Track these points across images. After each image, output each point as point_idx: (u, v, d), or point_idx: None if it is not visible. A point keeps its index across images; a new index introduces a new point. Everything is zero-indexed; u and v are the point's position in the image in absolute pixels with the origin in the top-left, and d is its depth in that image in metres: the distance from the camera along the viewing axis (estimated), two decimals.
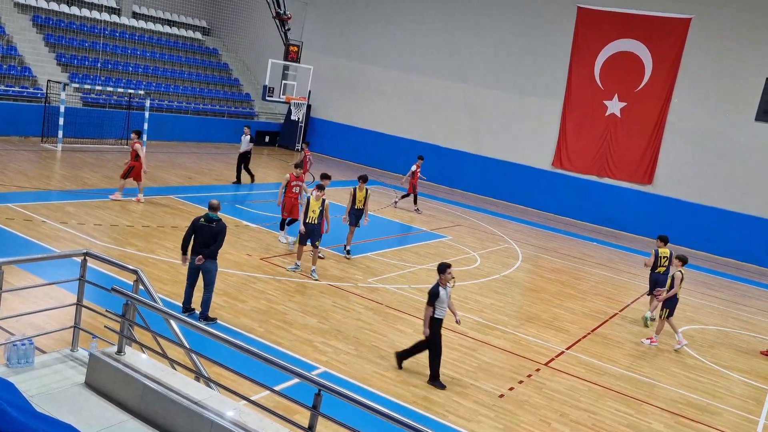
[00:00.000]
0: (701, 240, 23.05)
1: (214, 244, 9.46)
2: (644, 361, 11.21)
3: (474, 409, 8.33)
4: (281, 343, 9.34)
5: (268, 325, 9.92)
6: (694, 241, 23.13)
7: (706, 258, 22.22)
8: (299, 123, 30.86)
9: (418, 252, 16.02)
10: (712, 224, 22.86)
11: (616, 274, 17.58)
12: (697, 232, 23.12)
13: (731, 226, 22.52)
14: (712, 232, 22.87)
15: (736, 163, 22.44)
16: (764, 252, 16.54)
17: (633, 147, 24.21)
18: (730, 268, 21.28)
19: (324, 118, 31.50)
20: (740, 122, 22.32)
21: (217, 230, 9.49)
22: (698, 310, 15.25)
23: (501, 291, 13.86)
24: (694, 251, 22.86)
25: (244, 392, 7.01)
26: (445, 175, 28.17)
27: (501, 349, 10.58)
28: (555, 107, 25.62)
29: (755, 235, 22.12)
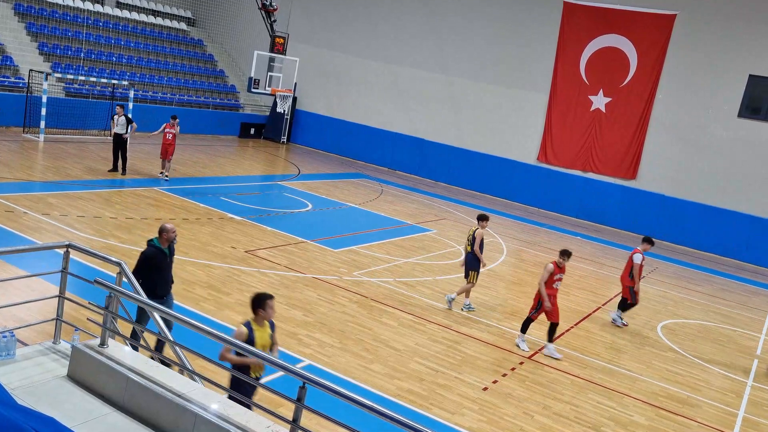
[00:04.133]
0: (683, 235, 23.30)
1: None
2: (626, 354, 11.32)
3: (458, 402, 8.38)
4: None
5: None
6: (676, 236, 23.38)
7: (687, 252, 22.46)
8: (285, 115, 30.71)
9: (403, 245, 16.05)
10: (694, 219, 23.10)
11: (599, 269, 17.72)
12: (680, 226, 23.36)
13: (713, 221, 22.77)
14: (694, 226, 23.12)
15: (718, 159, 22.67)
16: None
17: (617, 142, 24.38)
18: (710, 262, 21.53)
19: (310, 110, 31.39)
20: (723, 118, 22.54)
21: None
22: (679, 304, 15.42)
23: (485, 285, 13.92)
24: (676, 245, 23.10)
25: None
26: (430, 168, 28.21)
27: (485, 342, 10.64)
28: (540, 101, 25.71)
29: (736, 230, 22.39)
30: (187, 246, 12.82)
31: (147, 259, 7.67)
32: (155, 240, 7.80)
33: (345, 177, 25.20)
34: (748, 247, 22.25)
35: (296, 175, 23.84)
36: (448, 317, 11.44)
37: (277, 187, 21.19)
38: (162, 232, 7.76)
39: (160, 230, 7.79)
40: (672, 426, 8.83)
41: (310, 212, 18.16)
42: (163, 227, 7.78)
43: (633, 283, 12.67)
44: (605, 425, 8.49)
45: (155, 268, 7.70)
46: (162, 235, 7.76)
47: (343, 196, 21.03)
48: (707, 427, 9.02)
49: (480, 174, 27.10)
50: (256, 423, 5.11)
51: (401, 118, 28.92)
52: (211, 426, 4.98)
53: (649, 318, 13.77)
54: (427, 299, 12.20)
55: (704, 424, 9.10)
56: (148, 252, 7.70)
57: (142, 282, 7.26)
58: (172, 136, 18.18)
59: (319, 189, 21.57)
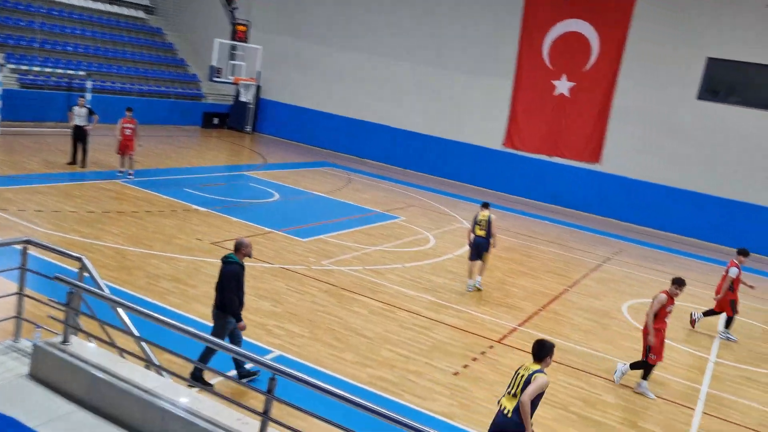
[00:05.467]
0: (647, 216, 23.73)
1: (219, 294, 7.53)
2: (594, 335, 11.50)
3: (429, 388, 8.40)
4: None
5: None
6: (640, 218, 23.80)
7: (651, 234, 22.90)
8: (249, 105, 30.32)
9: (371, 233, 16.01)
10: (657, 201, 23.54)
11: (565, 251, 17.95)
12: (643, 208, 23.79)
13: (675, 202, 23.24)
14: (657, 208, 23.57)
15: (679, 141, 23.09)
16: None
17: (581, 126, 24.64)
18: (673, 242, 21.99)
19: (275, 99, 31.03)
20: (683, 101, 22.94)
21: (221, 273, 7.57)
22: (645, 285, 15.71)
23: (454, 270, 13.98)
24: (640, 227, 23.53)
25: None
26: (398, 156, 28.18)
27: (455, 327, 10.69)
28: (505, 87, 25.82)
29: (697, 210, 22.89)
30: (151, 239, 12.59)
31: (238, 276, 7.49)
32: (233, 256, 7.54)
33: (312, 166, 25.03)
34: (710, 227, 22.78)
35: (262, 165, 23.58)
36: (418, 303, 11.47)
37: (243, 177, 20.94)
38: (241, 247, 7.54)
39: (238, 246, 7.55)
40: (639, 404, 9.00)
41: (276, 202, 17.99)
42: (242, 242, 7.57)
43: (734, 296, 12.60)
44: (574, 405, 8.61)
45: (241, 285, 7.56)
46: (241, 250, 7.54)
47: (311, 185, 20.89)
48: (673, 403, 9.22)
49: (448, 161, 27.16)
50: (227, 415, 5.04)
51: (368, 106, 28.78)
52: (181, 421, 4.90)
53: (615, 299, 14.00)
54: (397, 286, 12.20)
55: (670, 400, 9.29)
56: (236, 269, 7.47)
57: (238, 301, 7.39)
58: (131, 131, 17.37)
59: (286, 178, 21.38)
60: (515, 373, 6.12)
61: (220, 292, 7.43)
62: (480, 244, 12.72)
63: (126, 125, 17.35)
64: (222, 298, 7.41)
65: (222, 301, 7.41)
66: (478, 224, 12.72)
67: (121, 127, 17.29)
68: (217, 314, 7.51)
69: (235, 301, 7.41)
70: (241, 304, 7.56)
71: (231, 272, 7.44)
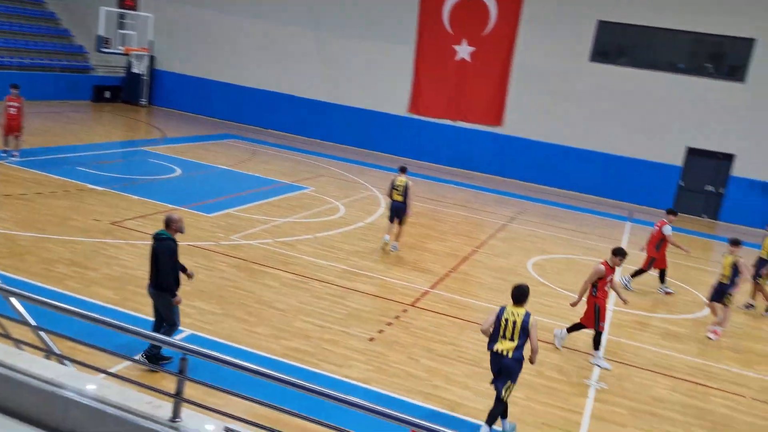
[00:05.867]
0: (548, 176, 24.70)
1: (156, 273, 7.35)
2: (501, 293, 11.90)
3: (345, 355, 8.45)
4: (141, 310, 8.87)
5: (124, 292, 9.36)
6: (541, 177, 24.75)
7: (552, 192, 23.89)
8: (143, 76, 28.87)
9: (280, 205, 15.79)
10: (556, 160, 24.52)
11: (472, 213, 18.42)
12: (544, 168, 24.74)
13: (573, 161, 24.31)
14: (556, 167, 24.57)
15: (574, 103, 24.05)
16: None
17: (483, 90, 25.15)
18: (573, 200, 23.05)
19: (171, 70, 29.68)
20: (577, 63, 23.84)
21: (154, 251, 7.37)
22: (546, 241, 16.41)
23: (365, 238, 14.04)
24: (542, 186, 24.47)
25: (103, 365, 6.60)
26: (303, 125, 27.81)
27: (368, 294, 10.77)
28: (407, 53, 25.89)
29: (594, 168, 24.05)
30: (44, 222, 11.85)
31: (173, 252, 7.32)
32: (165, 232, 7.35)
33: (214, 139, 24.27)
34: (605, 183, 24.03)
35: (161, 139, 22.63)
36: (330, 272, 11.45)
37: (141, 153, 20.01)
38: (171, 222, 7.39)
39: (168, 221, 7.39)
40: (545, 354, 9.43)
41: (179, 177, 17.34)
42: (171, 218, 7.42)
43: (656, 255, 13.04)
44: (485, 361, 8.87)
45: (176, 261, 7.41)
46: (171, 225, 7.38)
47: (214, 159, 20.27)
48: (576, 351, 9.73)
49: (354, 128, 27.07)
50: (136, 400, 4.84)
51: (270, 75, 28.09)
52: (86, 409, 4.66)
53: (520, 257, 14.54)
54: (308, 257, 12.12)
55: (573, 349, 9.80)
56: (172, 245, 7.31)
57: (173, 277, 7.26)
58: (17, 110, 16.01)
59: (187, 152, 20.64)
60: (502, 319, 6.94)
61: (157, 270, 7.27)
62: (398, 208, 13.09)
63: (11, 104, 16.03)
64: (159, 275, 7.26)
65: (162, 279, 7.27)
66: (396, 189, 13.06)
67: (6, 106, 15.98)
68: (157, 294, 7.36)
69: (170, 277, 7.26)
70: (177, 281, 7.40)
71: (167, 249, 7.26)
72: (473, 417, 7.39)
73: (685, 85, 22.68)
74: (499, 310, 7.08)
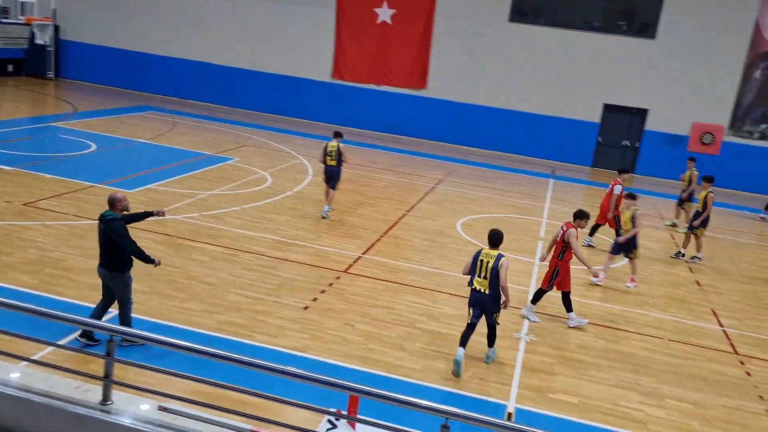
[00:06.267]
0: (473, 137, 25.06)
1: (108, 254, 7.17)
2: (432, 254, 12.10)
3: (279, 325, 8.41)
4: (63, 293, 8.52)
5: (43, 275, 8.95)
6: (467, 139, 25.08)
7: (478, 153, 24.27)
8: (48, 47, 27.24)
9: (204, 177, 15.38)
10: (480, 121, 24.89)
11: (401, 177, 18.52)
12: (469, 130, 25.05)
13: (497, 122, 24.73)
14: (482, 128, 24.94)
15: (495, 63, 24.35)
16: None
17: (406, 53, 25.08)
18: (499, 160, 23.52)
19: (78, 40, 28.09)
20: (497, 24, 24.08)
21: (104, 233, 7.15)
22: (474, 202, 16.72)
23: (294, 207, 13.91)
24: (468, 147, 24.82)
25: (26, 353, 6.33)
26: (224, 94, 27.05)
27: (300, 263, 10.71)
28: (328, 17, 25.45)
29: (517, 127, 24.56)
30: None
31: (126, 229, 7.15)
32: (111, 212, 7.17)
33: (130, 111, 23.28)
34: (528, 142, 24.61)
35: (72, 114, 21.52)
36: (261, 243, 11.30)
37: (51, 128, 18.97)
38: (115, 201, 7.21)
39: (112, 201, 7.21)
40: None
41: (94, 153, 16.59)
42: (115, 197, 7.24)
43: (617, 212, 13.26)
44: (420, 321, 9.08)
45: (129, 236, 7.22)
46: (116, 205, 7.21)
47: (131, 132, 19.47)
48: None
49: (277, 96, 26.54)
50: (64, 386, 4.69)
51: (186, 43, 27.04)
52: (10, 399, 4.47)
53: (449, 218, 14.77)
54: (237, 229, 11.91)
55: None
56: (122, 224, 7.16)
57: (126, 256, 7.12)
58: None
59: (102, 127, 19.73)
60: (478, 260, 7.74)
61: (112, 253, 7.11)
62: (331, 173, 13.41)
63: None
64: (115, 257, 7.12)
65: (114, 260, 7.13)
66: (329, 155, 13.36)
67: None
68: (108, 275, 7.21)
69: (141, 251, 7.15)
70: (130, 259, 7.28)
71: (120, 228, 7.10)
72: (409, 377, 7.53)
73: (600, 43, 23.35)
74: (476, 253, 7.93)
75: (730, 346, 9.62)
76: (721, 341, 9.76)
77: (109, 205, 7.25)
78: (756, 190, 22.55)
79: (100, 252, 7.23)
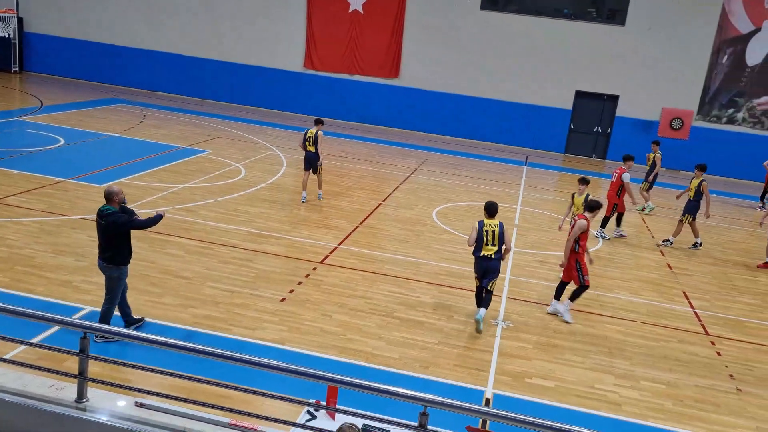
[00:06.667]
0: (446, 125, 25.12)
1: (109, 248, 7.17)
2: (408, 243, 12.13)
3: (257, 317, 8.37)
4: (34, 290, 8.38)
5: (13, 273, 8.78)
6: (441, 128, 25.13)
7: (452, 141, 24.34)
8: (11, 40, 26.59)
9: (177, 171, 15.20)
10: (453, 110, 24.94)
11: (375, 167, 18.50)
12: (443, 118, 25.11)
13: (469, 110, 24.80)
14: (454, 117, 25.00)
15: (468, 52, 24.39)
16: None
17: (378, 42, 24.99)
18: (473, 147, 23.61)
19: (43, 32, 27.46)
20: (469, 12, 24.09)
21: (105, 228, 7.15)
22: (449, 190, 16.78)
23: (269, 199, 13.83)
24: (441, 136, 24.87)
25: None
26: (194, 86, 26.70)
27: (277, 255, 10.66)
28: (299, 7, 25.23)
29: (490, 115, 24.66)
30: None
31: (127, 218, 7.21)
32: (110, 207, 7.16)
33: (99, 104, 22.87)
34: (501, 130, 24.72)
35: (38, 108, 21.07)
36: (236, 236, 11.22)
37: (17, 123, 18.57)
38: (112, 195, 7.19)
39: (109, 195, 7.18)
40: (453, 299, 9.77)
41: (63, 148, 16.28)
42: (111, 191, 7.20)
43: (617, 200, 13.48)
44: (397, 310, 9.11)
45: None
46: (113, 198, 7.20)
47: (101, 126, 19.14)
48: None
49: (248, 87, 26.28)
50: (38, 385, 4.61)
51: (155, 33, 26.59)
52: None
53: (425, 207, 14.81)
54: (212, 222, 11.80)
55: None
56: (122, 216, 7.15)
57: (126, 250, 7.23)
58: None
59: (70, 120, 19.37)
60: (483, 231, 8.72)
61: (112, 246, 7.15)
62: (310, 158, 13.75)
63: None
64: (115, 251, 7.16)
65: (114, 254, 7.17)
66: (308, 141, 13.71)
67: None
68: (106, 267, 7.21)
69: (150, 219, 7.31)
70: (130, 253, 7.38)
71: (120, 218, 7.11)
72: (388, 366, 7.56)
73: (571, 30, 23.51)
74: (479, 225, 8.81)
75: (701, 327, 9.83)
76: (693, 322, 9.96)
77: (106, 199, 7.23)
78: (723, 174, 23.00)
79: (99, 246, 7.23)
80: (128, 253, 7.32)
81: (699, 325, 9.89)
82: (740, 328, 9.98)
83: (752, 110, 22.94)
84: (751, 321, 10.32)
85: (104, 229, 7.14)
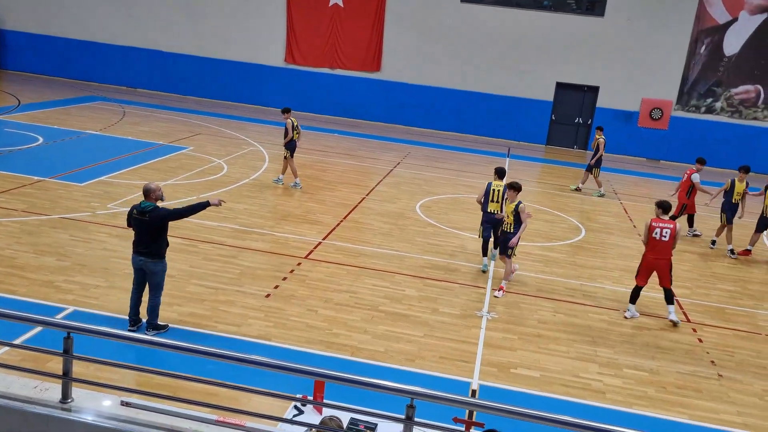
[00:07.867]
0: (428, 118, 25.14)
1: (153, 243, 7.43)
2: (393, 237, 12.16)
3: (242, 314, 8.36)
4: (16, 291, 8.30)
5: None
6: (422, 121, 25.15)
7: (434, 134, 24.38)
8: None
9: (158, 168, 15.09)
10: (435, 102, 24.96)
11: (358, 161, 18.49)
12: (425, 111, 25.12)
13: (451, 103, 24.84)
14: (436, 110, 25.02)
15: (449, 44, 24.40)
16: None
17: (359, 36, 24.93)
18: (454, 140, 23.67)
19: (18, 29, 27.04)
20: (449, 4, 24.09)
21: (149, 224, 7.36)
22: (431, 183, 16.82)
23: (252, 195, 13.78)
24: (423, 129, 24.90)
25: None
26: (175, 82, 26.46)
27: (261, 251, 10.64)
28: (279, 1, 25.07)
29: (471, 107, 24.72)
30: None
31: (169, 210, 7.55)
32: (149, 203, 7.40)
33: (78, 102, 22.61)
34: (483, 122, 24.80)
35: (15, 107, 20.78)
36: (220, 233, 11.18)
37: None
38: (150, 192, 7.45)
39: (147, 192, 7.45)
40: (438, 292, 9.81)
41: (42, 146, 16.09)
42: (149, 187, 7.47)
43: (687, 201, 13.81)
44: (382, 304, 9.14)
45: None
46: (150, 195, 7.45)
47: (80, 124, 18.93)
48: (466, 285, 10.17)
49: (229, 82, 26.10)
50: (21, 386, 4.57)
51: (133, 29, 26.28)
52: None
53: (408, 200, 14.84)
54: (195, 219, 11.72)
55: (463, 284, 10.24)
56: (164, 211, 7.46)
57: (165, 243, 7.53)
58: None
59: (49, 119, 19.13)
60: (491, 190, 10.46)
61: (154, 241, 7.43)
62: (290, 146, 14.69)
63: None
64: (158, 245, 7.46)
65: (156, 248, 7.45)
66: (295, 129, 14.63)
67: None
68: (151, 262, 7.48)
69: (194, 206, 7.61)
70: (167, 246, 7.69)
71: (164, 211, 7.44)
72: (374, 360, 7.59)
73: (551, 22, 23.60)
74: (487, 185, 10.57)
75: (683, 315, 9.96)
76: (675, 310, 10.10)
77: (145, 196, 7.47)
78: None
79: (139, 241, 7.44)
80: (167, 245, 7.60)
81: (681, 313, 10.02)
82: (720, 315, 10.14)
83: (730, 100, 23.22)
84: (731, 308, 10.49)
85: (148, 225, 7.35)
